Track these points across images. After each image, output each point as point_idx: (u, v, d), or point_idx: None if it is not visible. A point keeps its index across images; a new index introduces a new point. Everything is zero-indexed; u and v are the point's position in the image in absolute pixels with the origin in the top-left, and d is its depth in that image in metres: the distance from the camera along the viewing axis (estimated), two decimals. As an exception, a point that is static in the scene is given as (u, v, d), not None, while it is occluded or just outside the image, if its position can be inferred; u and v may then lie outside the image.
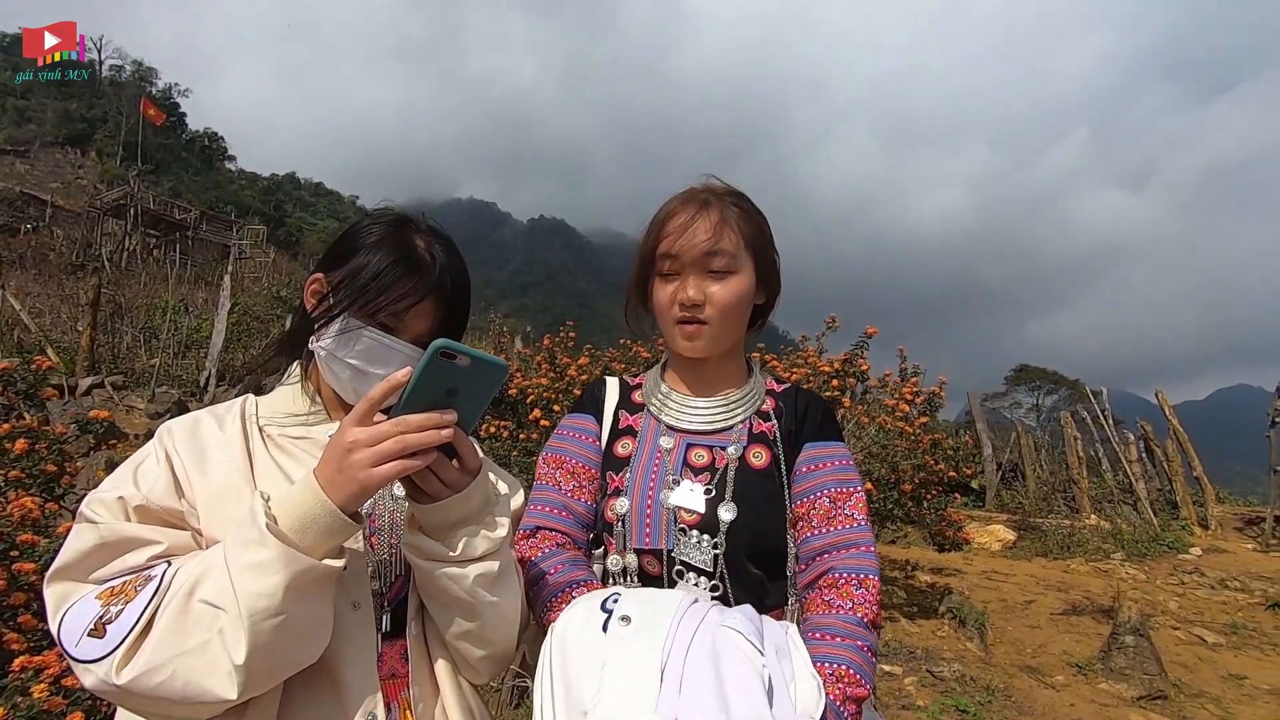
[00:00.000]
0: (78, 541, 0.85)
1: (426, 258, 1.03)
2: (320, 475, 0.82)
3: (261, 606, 0.76)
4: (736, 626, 0.88)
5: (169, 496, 0.89)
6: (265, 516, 0.79)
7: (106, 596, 0.82)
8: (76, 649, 0.79)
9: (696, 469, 1.18)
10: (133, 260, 26.11)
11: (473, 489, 0.91)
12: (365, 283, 0.99)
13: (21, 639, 1.91)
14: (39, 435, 2.30)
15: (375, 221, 1.06)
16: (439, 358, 0.80)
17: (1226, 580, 7.16)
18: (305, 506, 0.81)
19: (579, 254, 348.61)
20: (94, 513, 0.86)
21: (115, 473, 0.93)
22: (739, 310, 1.17)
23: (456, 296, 1.06)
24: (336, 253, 1.05)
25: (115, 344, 11.66)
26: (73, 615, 0.81)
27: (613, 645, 0.89)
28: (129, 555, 0.84)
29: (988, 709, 4.16)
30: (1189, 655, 5.26)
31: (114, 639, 0.77)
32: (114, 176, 41.66)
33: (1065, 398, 33.84)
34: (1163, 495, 10.26)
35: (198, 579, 0.79)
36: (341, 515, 0.81)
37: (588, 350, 5.17)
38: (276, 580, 0.77)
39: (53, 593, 0.84)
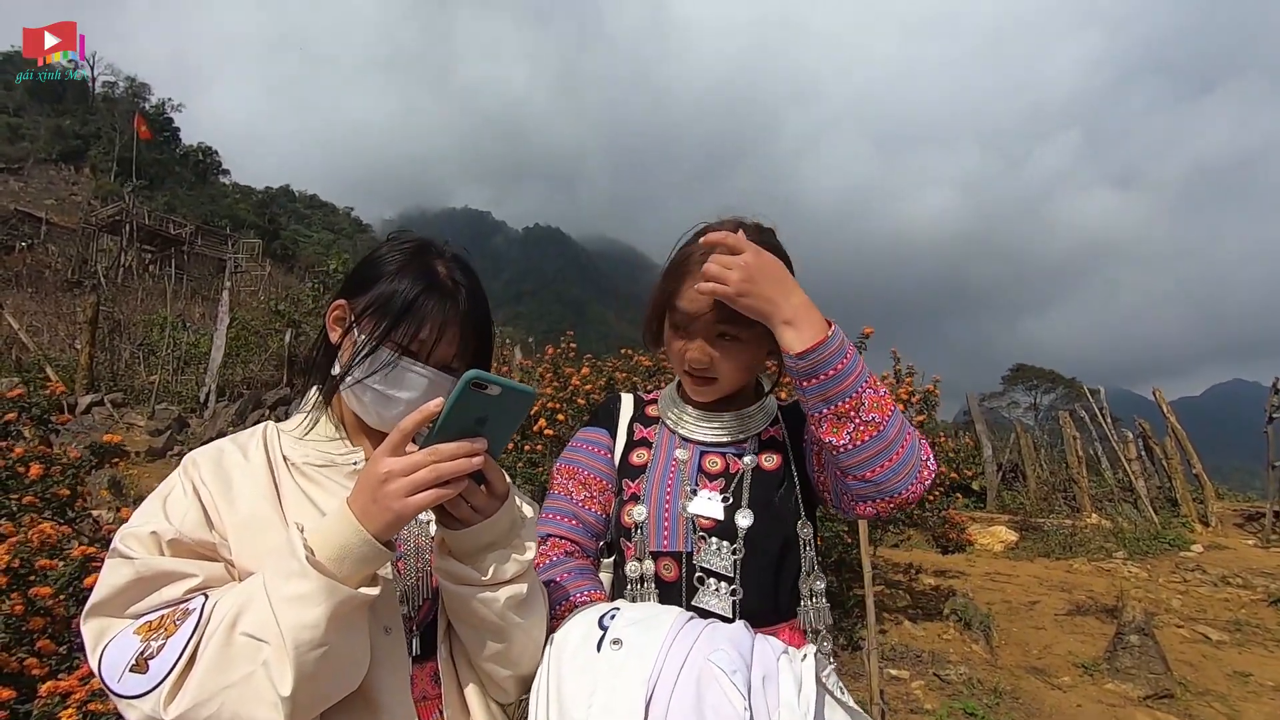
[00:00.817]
0: (113, 577, 0.86)
1: (449, 283, 1.04)
2: (354, 505, 0.84)
3: (306, 638, 0.78)
4: (722, 665, 0.88)
5: (200, 529, 0.91)
6: (305, 548, 0.80)
7: (145, 631, 0.83)
8: (119, 685, 0.80)
9: (711, 475, 1.23)
10: (129, 276, 26.09)
11: (501, 513, 0.93)
12: (391, 310, 1.01)
13: (41, 664, 1.92)
14: (52, 460, 2.32)
15: (396, 248, 1.08)
16: (471, 388, 0.82)
17: (1228, 577, 7.19)
18: (342, 537, 0.83)
19: (574, 261, 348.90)
20: (128, 548, 0.87)
21: (144, 506, 0.94)
22: (746, 370, 1.22)
23: (479, 321, 1.08)
24: (358, 280, 1.07)
25: (114, 361, 11.65)
26: (113, 651, 0.83)
27: (602, 669, 0.91)
28: (165, 589, 0.86)
29: (995, 711, 4.18)
30: (1194, 653, 5.28)
31: (157, 674, 0.79)
32: (108, 192, 41.63)
33: (1062, 396, 33.97)
34: (1162, 493, 10.30)
35: (239, 612, 0.81)
36: (377, 544, 0.83)
37: (589, 360, 5.20)
38: (320, 612, 0.78)
39: (90, 629, 0.85)
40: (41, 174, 50.12)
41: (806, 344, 1.01)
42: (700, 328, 1.18)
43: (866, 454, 1.04)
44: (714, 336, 1.18)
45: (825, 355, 1.01)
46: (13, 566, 1.98)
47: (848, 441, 1.03)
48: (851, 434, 1.03)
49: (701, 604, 1.15)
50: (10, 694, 1.73)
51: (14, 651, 1.93)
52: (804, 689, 0.89)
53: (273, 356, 11.83)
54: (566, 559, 1.18)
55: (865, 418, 1.02)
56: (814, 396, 1.04)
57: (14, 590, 2.03)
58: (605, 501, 1.26)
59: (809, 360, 1.02)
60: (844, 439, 1.04)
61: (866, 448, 1.03)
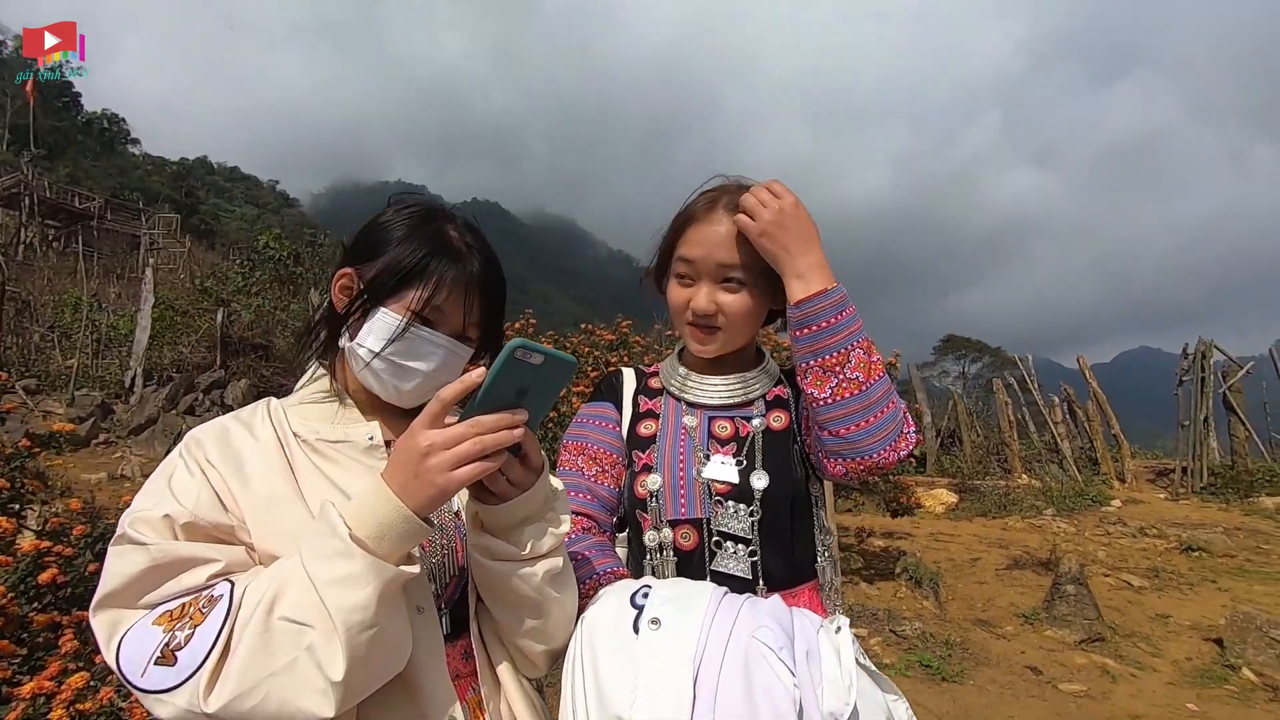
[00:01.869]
0: (124, 565, 0.80)
1: (462, 248, 1.00)
2: (392, 481, 0.80)
3: (357, 620, 0.74)
4: (768, 642, 0.88)
5: (216, 511, 0.85)
6: (346, 527, 0.77)
7: (166, 621, 0.78)
8: (144, 679, 0.75)
9: (722, 440, 1.23)
10: (31, 253, 24.16)
11: (538, 486, 0.91)
12: (404, 277, 0.96)
13: (3, 667, 1.79)
14: (-6, 449, 2.14)
15: (403, 212, 1.02)
16: (514, 358, 0.79)
17: (1145, 528, 7.77)
18: (381, 514, 0.79)
19: (514, 237, 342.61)
20: (139, 533, 0.81)
21: (148, 488, 0.88)
22: (750, 320, 1.21)
23: (494, 286, 1.04)
24: (365, 247, 1.01)
25: (23, 345, 10.81)
26: (131, 644, 0.77)
27: (643, 649, 0.90)
28: (184, 576, 0.80)
29: (948, 662, 4.42)
30: (1120, 599, 5.71)
31: (189, 665, 0.74)
32: (2, 162, 38.29)
33: (989, 365, 35.67)
34: (1084, 453, 11.01)
35: (275, 595, 0.76)
36: (418, 520, 0.79)
37: (550, 336, 5.13)
38: (369, 592, 0.75)
39: (101, 622, 0.79)
40: (-78, 141, 45.66)
41: (807, 293, 1.06)
42: (705, 274, 1.18)
43: (845, 410, 1.06)
44: (718, 283, 1.18)
45: (821, 306, 1.05)
46: (-41, 564, 1.83)
47: (829, 395, 1.07)
48: (834, 389, 1.06)
49: (721, 568, 1.16)
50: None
51: (-34, 654, 1.79)
52: (844, 661, 0.89)
53: (203, 338, 11.21)
54: (585, 535, 1.17)
55: (850, 375, 1.06)
56: (804, 347, 1.07)
57: (-39, 590, 1.88)
58: (616, 476, 1.26)
59: (804, 310, 1.06)
60: (825, 392, 1.07)
61: (846, 404, 1.06)
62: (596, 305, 34.80)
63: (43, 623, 1.89)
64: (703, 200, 1.21)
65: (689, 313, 1.20)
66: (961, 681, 4.19)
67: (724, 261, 1.17)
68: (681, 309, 1.22)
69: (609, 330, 5.30)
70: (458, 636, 0.99)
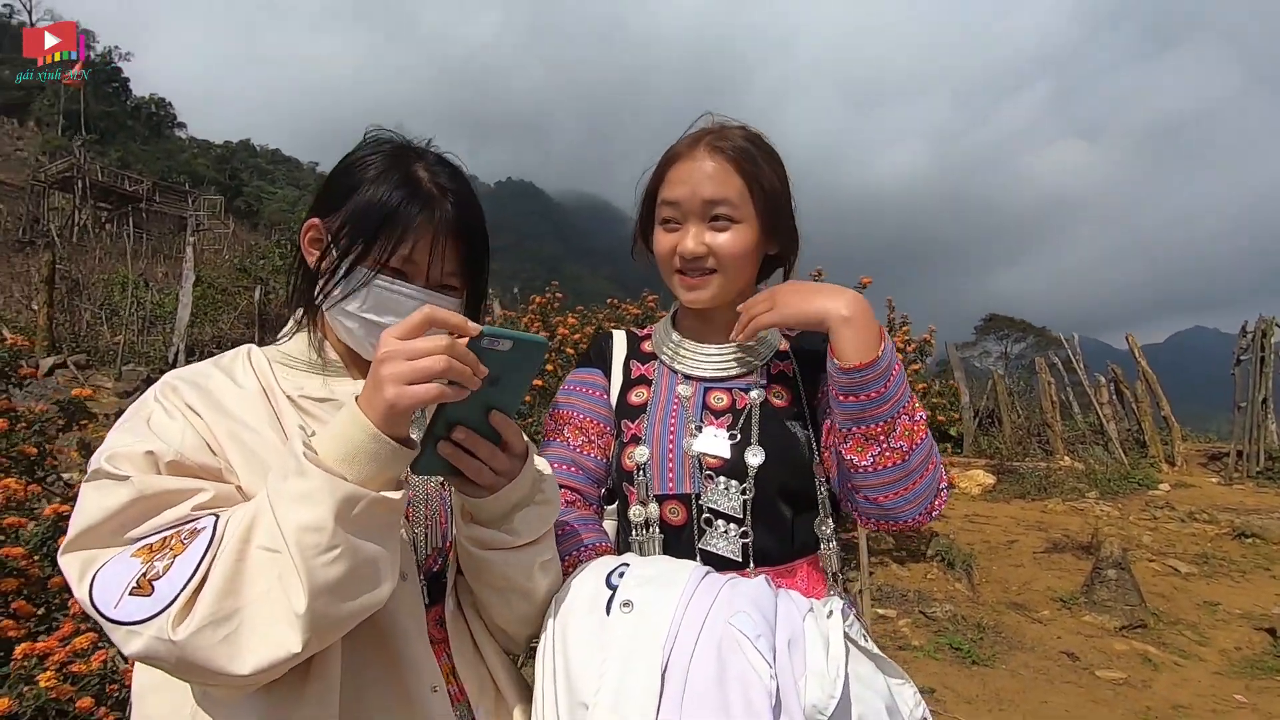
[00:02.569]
0: (105, 499, 0.73)
1: (434, 190, 0.92)
2: (360, 398, 0.75)
3: (311, 541, 0.68)
4: (745, 629, 0.82)
5: (202, 453, 0.80)
6: (303, 445, 0.71)
7: (146, 553, 0.72)
8: (116, 610, 0.68)
9: (717, 411, 1.15)
10: (84, 235, 25.04)
11: (524, 473, 0.87)
12: (368, 226, 0.89)
13: (18, 625, 1.83)
14: (18, 416, 2.18)
15: (371, 153, 0.95)
16: (480, 349, 0.74)
17: (1195, 513, 7.44)
18: (348, 433, 0.73)
19: (547, 217, 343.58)
20: (117, 467, 0.75)
21: (123, 425, 0.82)
22: (745, 261, 1.12)
23: (471, 229, 0.96)
24: (331, 193, 0.95)
25: (75, 322, 11.22)
26: (107, 575, 0.71)
27: (614, 634, 0.84)
28: (167, 511, 0.74)
29: (980, 645, 4.30)
30: (1165, 585, 5.48)
31: (165, 595, 0.68)
32: (56, 147, 39.65)
33: (1032, 345, 34.64)
34: (1131, 435, 10.59)
35: (251, 524, 0.71)
36: (387, 439, 0.72)
37: (578, 310, 5.09)
38: (323, 510, 0.68)
39: (74, 560, 0.73)
40: (-17, 128, 47.54)
41: (855, 360, 0.95)
42: (691, 214, 1.09)
43: (884, 480, 0.99)
44: (707, 222, 1.09)
45: (871, 376, 0.95)
46: (-21, 526, 1.86)
47: (870, 464, 0.98)
48: (875, 457, 0.98)
49: (709, 547, 1.09)
50: (-13, 656, 1.64)
51: (-12, 614, 1.83)
52: (832, 650, 0.82)
53: (242, 315, 11.49)
54: (568, 509, 1.11)
55: (893, 444, 0.97)
56: (847, 414, 0.98)
57: (-17, 551, 1.92)
58: (604, 446, 1.19)
59: (853, 379, 0.96)
60: (867, 460, 0.98)
61: (886, 474, 0.98)
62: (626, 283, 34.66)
63: (59, 584, 1.92)
64: (684, 140, 1.13)
65: (676, 259, 1.11)
66: (993, 665, 4.07)
67: (710, 196, 1.07)
68: (669, 256, 1.12)
69: (635, 305, 5.23)
70: (433, 604, 0.95)
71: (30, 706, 1.47)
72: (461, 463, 0.82)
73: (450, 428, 0.80)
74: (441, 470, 0.84)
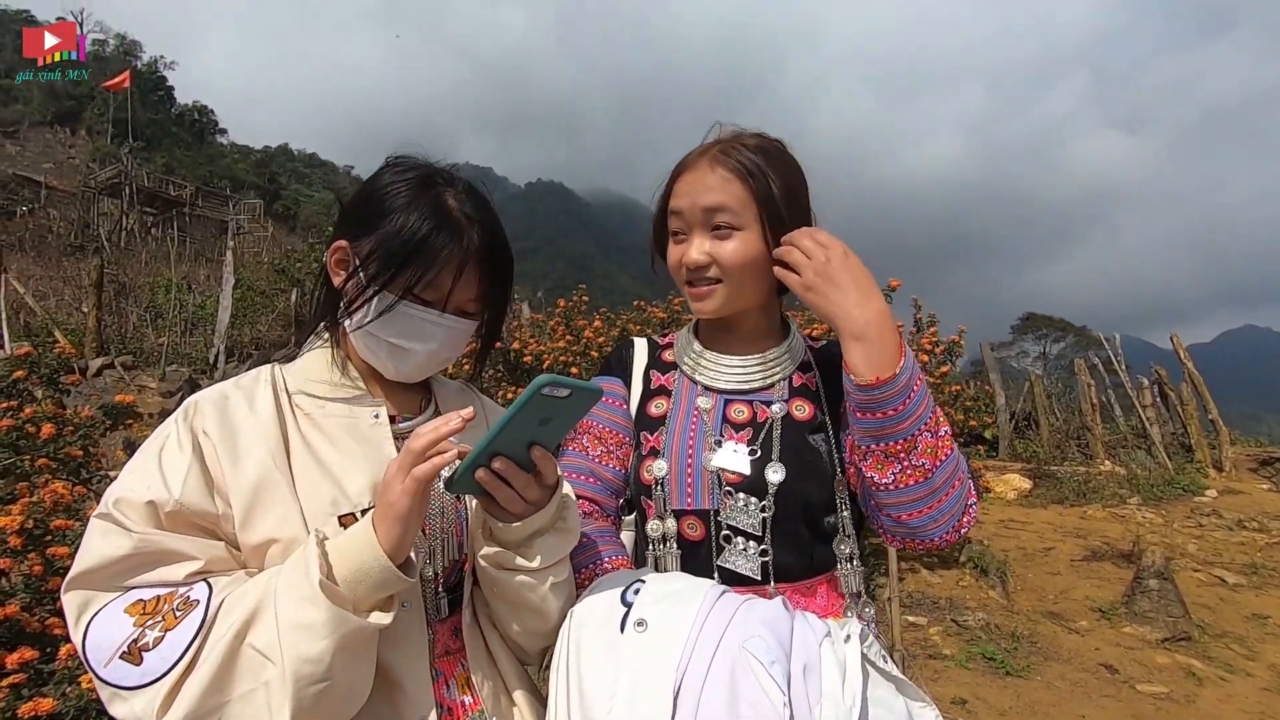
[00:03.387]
0: (106, 546, 0.79)
1: (462, 219, 0.94)
2: (375, 517, 0.80)
3: (308, 672, 0.73)
4: (759, 654, 0.81)
5: (202, 497, 0.83)
6: (320, 570, 0.75)
7: (138, 612, 0.77)
8: (106, 670, 0.75)
9: (737, 425, 1.12)
10: (131, 239, 25.93)
11: (551, 502, 0.90)
12: (398, 254, 0.91)
13: (61, 623, 1.90)
14: (65, 420, 2.27)
15: (400, 178, 0.96)
16: (540, 395, 0.77)
17: (1244, 521, 7.17)
18: (361, 557, 0.78)
19: (577, 217, 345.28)
20: (123, 515, 0.80)
21: (137, 461, 0.86)
22: (752, 271, 1.08)
23: (496, 258, 0.98)
24: (360, 216, 0.96)
25: (121, 324, 11.64)
26: (100, 629, 0.76)
27: (627, 652, 0.84)
28: (164, 569, 0.80)
29: (1014, 655, 4.20)
30: (1211, 596, 5.29)
31: (153, 670, 0.73)
32: (105, 155, 41.10)
33: (1072, 345, 33.73)
34: (1176, 439, 10.25)
35: (249, 620, 0.75)
36: (394, 570, 0.78)
37: (602, 313, 5.10)
38: (325, 645, 0.73)
39: (73, 599, 0.79)
40: (38, 137, 49.53)
41: (871, 377, 0.92)
42: (695, 223, 1.08)
43: (907, 498, 0.96)
44: (710, 231, 1.07)
45: (890, 393, 0.92)
46: (27, 528, 1.94)
47: (891, 481, 0.96)
48: (897, 475, 0.95)
49: (728, 564, 1.07)
50: (33, 654, 1.71)
51: (35, 612, 1.91)
52: (849, 677, 0.81)
53: (279, 316, 11.78)
54: (586, 520, 1.11)
55: (915, 461, 0.94)
56: (865, 430, 0.96)
57: (31, 551, 2.00)
58: (623, 456, 1.18)
59: (870, 395, 0.93)
60: (888, 478, 0.96)
61: (910, 490, 0.95)
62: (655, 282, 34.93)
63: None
64: (693, 152, 1.12)
65: (683, 269, 1.11)
66: (1028, 676, 3.98)
67: (710, 205, 1.06)
68: (677, 267, 1.12)
69: (661, 308, 5.23)
70: (451, 614, 0.97)
71: (73, 707, 1.53)
72: (496, 490, 0.85)
73: (491, 457, 0.83)
74: (473, 492, 0.86)
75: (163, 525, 0.81)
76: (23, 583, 1.97)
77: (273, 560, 0.84)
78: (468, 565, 0.99)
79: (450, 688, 0.93)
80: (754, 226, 1.07)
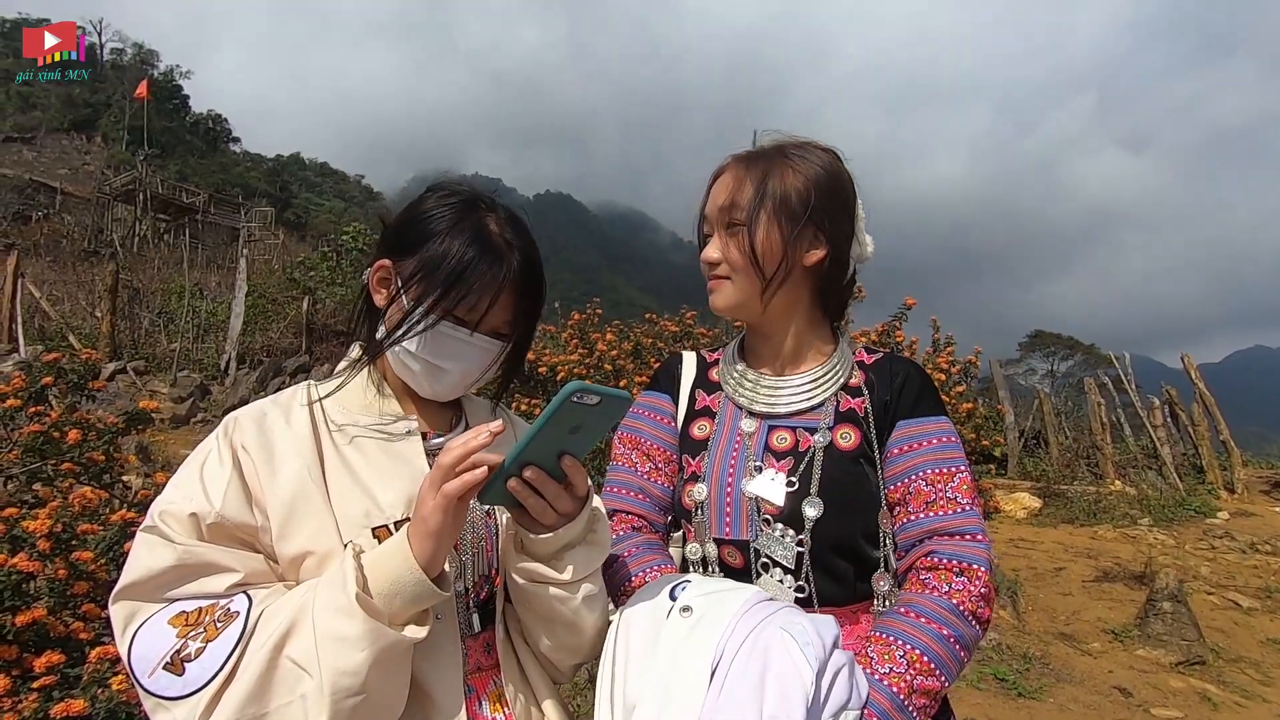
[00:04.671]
0: (151, 559, 0.81)
1: (502, 244, 0.97)
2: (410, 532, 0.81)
3: (345, 684, 0.74)
4: (795, 634, 0.82)
5: (242, 509, 0.86)
6: (356, 584, 0.77)
7: (181, 624, 0.79)
8: (150, 680, 0.77)
9: (778, 453, 1.10)
10: (144, 245, 26.17)
11: (582, 514, 0.90)
12: (441, 276, 0.93)
13: (86, 628, 1.92)
14: (89, 426, 2.30)
15: (444, 203, 0.99)
16: (570, 401, 0.78)
17: (1257, 544, 7.10)
18: (396, 571, 0.79)
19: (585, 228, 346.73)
20: (168, 527, 0.83)
21: (180, 476, 0.89)
22: (755, 266, 1.07)
23: (532, 283, 1.01)
24: (403, 237, 0.99)
25: (134, 329, 11.71)
26: (145, 640, 0.79)
27: (669, 633, 0.86)
28: (206, 580, 0.82)
29: (1026, 676, 4.17)
30: (1224, 620, 5.24)
31: (195, 680, 0.75)
32: (120, 161, 41.60)
33: (1080, 363, 33.55)
34: (1186, 459, 10.17)
35: (287, 631, 0.77)
36: (429, 583, 0.79)
37: (615, 326, 5.12)
38: (362, 658, 0.75)
39: (120, 610, 0.81)
40: (54, 143, 50.17)
41: None
42: (715, 223, 1.11)
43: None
44: (725, 229, 1.10)
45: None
46: (55, 531, 1.96)
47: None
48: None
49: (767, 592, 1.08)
50: (60, 658, 1.73)
51: (60, 615, 1.92)
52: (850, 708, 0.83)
53: (290, 324, 11.85)
54: (634, 533, 1.12)
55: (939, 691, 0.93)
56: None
57: (57, 555, 2.02)
58: (671, 473, 1.17)
59: None
60: None
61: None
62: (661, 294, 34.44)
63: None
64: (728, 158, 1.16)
65: (704, 266, 1.14)
66: (1040, 698, 3.94)
67: (723, 204, 1.09)
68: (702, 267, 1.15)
69: (673, 321, 5.25)
70: (483, 629, 0.98)
71: (103, 709, 1.54)
72: (527, 500, 0.85)
73: (523, 466, 0.83)
74: (505, 503, 0.87)
75: (204, 537, 0.83)
76: (48, 586, 1.99)
77: (308, 573, 0.85)
78: (499, 581, 1.00)
79: (482, 704, 0.94)
80: (764, 222, 1.06)
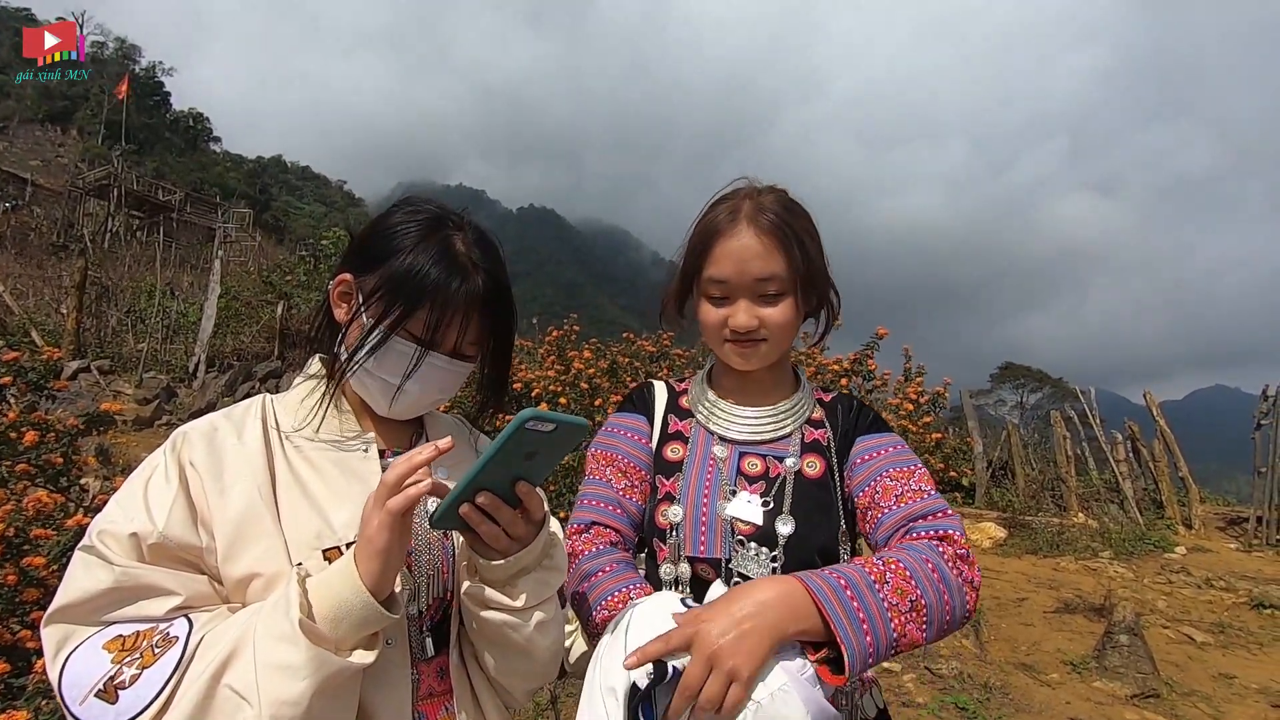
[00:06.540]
0: (88, 580, 0.78)
1: (468, 264, 0.94)
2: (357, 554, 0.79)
3: (286, 715, 0.72)
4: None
5: (186, 529, 0.82)
6: (300, 609, 0.74)
7: (116, 649, 0.76)
8: (81, 708, 0.73)
9: (750, 478, 1.16)
10: (116, 242, 25.63)
11: (537, 539, 0.89)
12: (402, 294, 0.91)
13: (34, 637, 1.86)
14: (47, 427, 2.24)
15: (410, 219, 0.97)
16: (524, 429, 0.77)
17: (1212, 580, 7.27)
18: (342, 595, 0.77)
19: (568, 244, 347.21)
20: (106, 547, 0.79)
21: (123, 493, 0.86)
22: (792, 329, 1.17)
23: (500, 304, 0.98)
24: (367, 253, 0.96)
25: (101, 328, 11.44)
26: (77, 665, 0.75)
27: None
28: (145, 603, 0.78)
29: (986, 706, 4.21)
30: (1179, 654, 5.34)
31: (128, 709, 0.72)
32: (96, 155, 40.84)
33: (1048, 396, 34.26)
34: (1147, 494, 10.40)
35: (227, 659, 0.74)
36: (376, 605, 0.77)
37: (592, 344, 5.14)
38: (304, 687, 0.72)
39: (52, 634, 0.77)
40: (27, 134, 49.14)
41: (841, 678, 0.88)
42: (741, 291, 1.13)
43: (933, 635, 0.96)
44: (756, 297, 1.13)
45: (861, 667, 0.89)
46: (7, 535, 1.91)
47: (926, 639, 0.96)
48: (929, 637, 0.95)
49: None
50: (5, 667, 1.67)
51: (7, 623, 1.87)
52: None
53: (264, 328, 11.66)
54: (612, 549, 1.12)
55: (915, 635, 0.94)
56: None
57: (7, 560, 1.97)
58: (645, 492, 1.20)
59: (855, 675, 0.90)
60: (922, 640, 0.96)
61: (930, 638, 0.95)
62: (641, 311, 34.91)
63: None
64: (723, 212, 1.15)
65: (727, 330, 1.15)
66: (999, 729, 3.98)
67: (760, 275, 1.11)
68: (719, 328, 1.16)
69: (650, 342, 5.28)
70: (437, 653, 0.96)
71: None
72: (480, 526, 0.83)
73: (476, 491, 0.82)
74: (458, 527, 0.85)
75: (145, 558, 0.80)
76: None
77: (255, 595, 0.82)
78: (455, 604, 0.98)
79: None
80: (795, 289, 1.13)
